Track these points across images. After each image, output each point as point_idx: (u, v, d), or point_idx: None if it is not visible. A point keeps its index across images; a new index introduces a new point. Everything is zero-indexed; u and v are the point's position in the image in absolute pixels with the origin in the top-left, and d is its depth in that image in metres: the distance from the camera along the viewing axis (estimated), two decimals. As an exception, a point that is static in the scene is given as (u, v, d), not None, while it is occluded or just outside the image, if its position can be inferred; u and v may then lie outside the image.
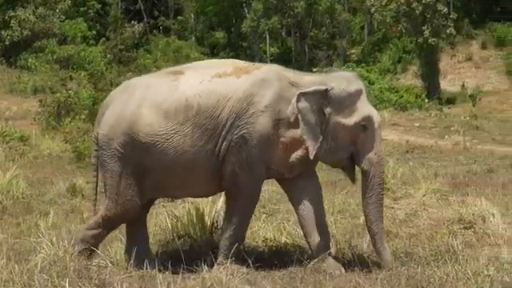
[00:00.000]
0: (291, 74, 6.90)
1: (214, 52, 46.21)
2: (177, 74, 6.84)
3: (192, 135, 6.46)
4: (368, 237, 7.40)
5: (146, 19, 48.01)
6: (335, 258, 6.86)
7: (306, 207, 6.90)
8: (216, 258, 6.59)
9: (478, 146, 19.75)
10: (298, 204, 6.96)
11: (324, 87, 6.62)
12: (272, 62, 45.63)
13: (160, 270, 6.41)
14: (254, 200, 6.85)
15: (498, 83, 41.60)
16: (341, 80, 6.77)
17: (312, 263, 6.59)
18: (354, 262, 6.63)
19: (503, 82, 41.72)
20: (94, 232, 6.80)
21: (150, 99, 6.60)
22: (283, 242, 7.61)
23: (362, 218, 8.30)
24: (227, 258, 6.56)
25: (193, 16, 48.75)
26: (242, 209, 6.71)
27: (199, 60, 39.99)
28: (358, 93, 6.76)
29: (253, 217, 8.13)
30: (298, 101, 6.50)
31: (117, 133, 6.58)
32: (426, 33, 41.22)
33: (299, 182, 6.91)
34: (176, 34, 47.37)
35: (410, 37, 44.13)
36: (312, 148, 6.52)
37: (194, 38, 47.85)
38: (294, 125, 6.54)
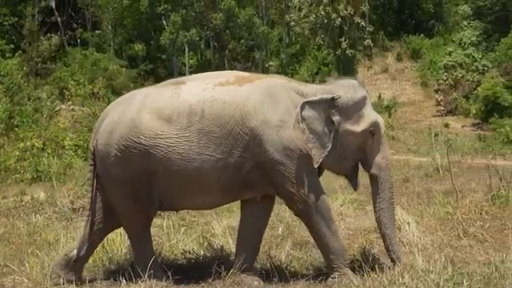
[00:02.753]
0: (296, 84, 6.95)
1: (132, 64, 45.82)
2: (177, 84, 6.80)
3: (198, 142, 6.38)
4: (286, 247, 7.50)
5: (63, 31, 47.31)
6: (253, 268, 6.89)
7: (247, 232, 6.96)
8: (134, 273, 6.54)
9: (394, 156, 20.05)
10: (243, 214, 7.02)
11: (330, 96, 6.65)
12: (191, 74, 45.61)
13: (78, 284, 6.36)
14: (325, 204, 6.69)
15: (413, 94, 42.33)
16: (347, 88, 6.82)
17: (233, 275, 6.60)
18: (273, 273, 6.67)
19: (418, 93, 42.47)
20: (137, 248, 6.79)
21: (150, 106, 6.53)
22: (202, 254, 7.62)
23: (281, 229, 8.40)
24: (343, 269, 6.55)
25: (111, 28, 48.23)
26: (321, 218, 6.61)
27: (117, 72, 40.03)
28: (364, 99, 6.84)
29: (171, 230, 8.17)
30: (302, 109, 6.49)
31: (115, 138, 6.47)
32: (344, 45, 41.83)
33: (254, 206, 6.92)
34: (94, 46, 46.79)
35: (328, 49, 44.70)
36: (318, 156, 6.52)
37: (112, 50, 47.34)
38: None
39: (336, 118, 6.63)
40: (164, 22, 46.28)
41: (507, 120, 31.41)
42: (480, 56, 40.49)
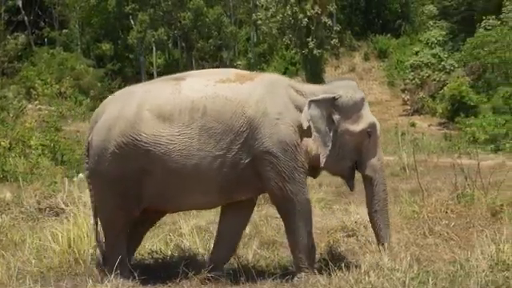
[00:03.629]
0: (295, 83, 6.98)
1: (100, 64, 45.62)
2: (177, 79, 6.72)
3: (199, 138, 6.33)
4: (254, 247, 7.52)
5: (30, 30, 46.96)
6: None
7: (228, 233, 6.98)
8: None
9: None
10: (224, 214, 7.03)
11: (332, 95, 6.67)
12: (159, 73, 45.48)
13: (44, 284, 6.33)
14: (309, 204, 6.72)
15: (380, 94, 42.59)
16: (347, 88, 6.84)
17: (200, 275, 6.58)
18: (240, 272, 6.68)
19: (385, 93, 42.76)
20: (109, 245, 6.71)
21: (151, 102, 6.46)
22: (169, 254, 7.61)
23: (248, 229, 8.41)
24: (310, 269, 6.56)
25: (78, 27, 47.94)
26: (301, 218, 6.59)
27: (84, 72, 39.83)
28: (362, 100, 6.89)
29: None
30: (309, 108, 6.50)
31: (115, 134, 6.39)
32: (311, 44, 41.97)
33: (237, 207, 6.94)
34: (61, 45, 46.48)
35: (296, 48, 44.82)
36: (323, 155, 6.56)
37: (79, 49, 47.06)
38: (302, 133, 6.54)
39: (336, 118, 6.66)
40: (132, 21, 46.09)
41: (473, 119, 31.80)
42: (446, 56, 40.87)
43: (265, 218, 9.37)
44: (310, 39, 42.38)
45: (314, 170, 6.80)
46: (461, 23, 46.89)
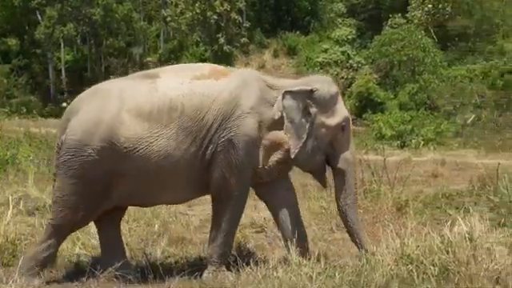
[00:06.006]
0: (269, 78, 6.94)
1: (5, 59, 44.62)
2: (152, 77, 6.62)
3: (176, 138, 6.29)
4: (162, 244, 7.49)
5: None
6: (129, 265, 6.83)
7: (284, 213, 6.93)
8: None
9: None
10: (276, 211, 7.00)
11: (309, 87, 6.67)
12: (67, 69, 44.90)
13: None
14: (243, 204, 6.72)
15: (290, 91, 42.91)
16: (322, 82, 6.86)
17: (106, 273, 6.49)
18: (148, 270, 6.63)
19: (295, 90, 43.10)
20: (43, 245, 6.44)
21: (129, 102, 6.34)
22: (77, 252, 7.50)
23: (157, 226, 8.37)
24: (220, 266, 6.52)
25: (-18, 22, 46.79)
26: (232, 214, 6.58)
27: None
28: (337, 95, 6.88)
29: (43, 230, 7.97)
30: (283, 98, 6.50)
31: (93, 138, 6.24)
32: (221, 41, 42.05)
33: (276, 188, 6.97)
34: (-34, 40, 45.37)
35: (206, 45, 44.82)
36: (294, 147, 6.54)
37: (-16, 45, 45.97)
38: (275, 127, 6.54)
39: (313, 110, 6.67)
40: (39, 16, 45.20)
41: (380, 116, 32.35)
42: (354, 53, 41.49)
43: (174, 215, 9.35)
44: (219, 36, 42.46)
45: (284, 165, 6.79)
46: (368, 21, 47.80)
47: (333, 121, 6.78)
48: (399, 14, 44.19)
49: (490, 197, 10.66)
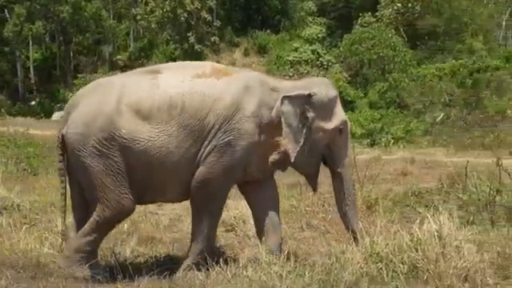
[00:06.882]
0: (271, 80, 6.91)
1: (-27, 57, 44.31)
2: (154, 73, 6.61)
3: (177, 136, 6.29)
4: (132, 243, 7.45)
5: None
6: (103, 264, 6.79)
7: (265, 212, 6.95)
8: None
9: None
10: (257, 208, 7.02)
11: (307, 92, 6.66)
12: (36, 68, 44.58)
13: None
14: (223, 202, 6.76)
15: (260, 89, 42.91)
16: (320, 85, 6.86)
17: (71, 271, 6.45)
18: (117, 269, 6.58)
19: (265, 88, 43.11)
20: (88, 238, 6.46)
21: (129, 97, 6.33)
22: (45, 252, 7.42)
23: (126, 225, 8.32)
24: (197, 263, 6.49)
25: None
26: (214, 211, 6.61)
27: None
28: (336, 98, 6.90)
29: (12, 228, 7.93)
30: (281, 104, 6.50)
31: (94, 129, 6.24)
32: (191, 39, 41.96)
33: (262, 186, 6.98)
34: None
35: (176, 43, 44.70)
36: (292, 151, 6.55)
37: (-50, 43, 45.51)
38: (273, 130, 6.54)
39: (310, 115, 6.68)
40: (7, 13, 44.81)
41: (350, 114, 32.38)
42: (324, 52, 41.58)
43: (144, 214, 9.30)
44: (190, 34, 42.38)
45: (280, 165, 6.85)
46: (338, 20, 47.95)
47: (330, 124, 6.81)
48: (369, 13, 44.42)
49: (458, 195, 10.75)
